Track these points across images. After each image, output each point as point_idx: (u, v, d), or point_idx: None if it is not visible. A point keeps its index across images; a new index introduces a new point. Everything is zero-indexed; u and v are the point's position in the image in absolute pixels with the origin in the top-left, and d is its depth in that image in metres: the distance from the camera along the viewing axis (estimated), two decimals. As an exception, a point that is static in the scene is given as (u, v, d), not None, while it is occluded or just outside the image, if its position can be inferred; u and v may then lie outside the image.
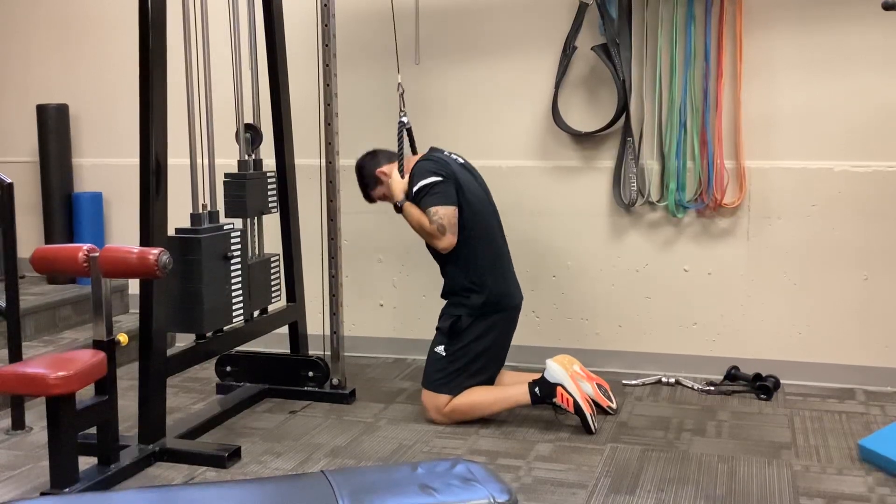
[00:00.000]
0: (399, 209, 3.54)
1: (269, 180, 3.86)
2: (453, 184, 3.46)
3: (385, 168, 3.64)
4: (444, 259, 3.54)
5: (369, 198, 3.76)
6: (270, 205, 3.86)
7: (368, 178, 3.69)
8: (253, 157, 3.81)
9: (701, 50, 3.95)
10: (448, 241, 3.43)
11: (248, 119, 3.81)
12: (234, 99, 3.72)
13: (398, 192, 3.53)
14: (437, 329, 3.57)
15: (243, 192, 3.68)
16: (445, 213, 3.41)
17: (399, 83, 3.70)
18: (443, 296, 3.61)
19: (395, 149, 3.66)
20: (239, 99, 3.71)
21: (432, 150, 3.66)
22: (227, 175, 3.71)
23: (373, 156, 3.71)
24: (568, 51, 4.09)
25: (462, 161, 3.67)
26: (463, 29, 4.29)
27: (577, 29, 4.06)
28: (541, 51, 4.17)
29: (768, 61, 3.92)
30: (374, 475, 2.07)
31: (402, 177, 3.56)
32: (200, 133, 3.48)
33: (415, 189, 3.46)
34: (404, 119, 3.66)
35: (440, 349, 3.52)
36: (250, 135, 3.79)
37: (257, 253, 3.82)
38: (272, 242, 3.99)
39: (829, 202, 3.90)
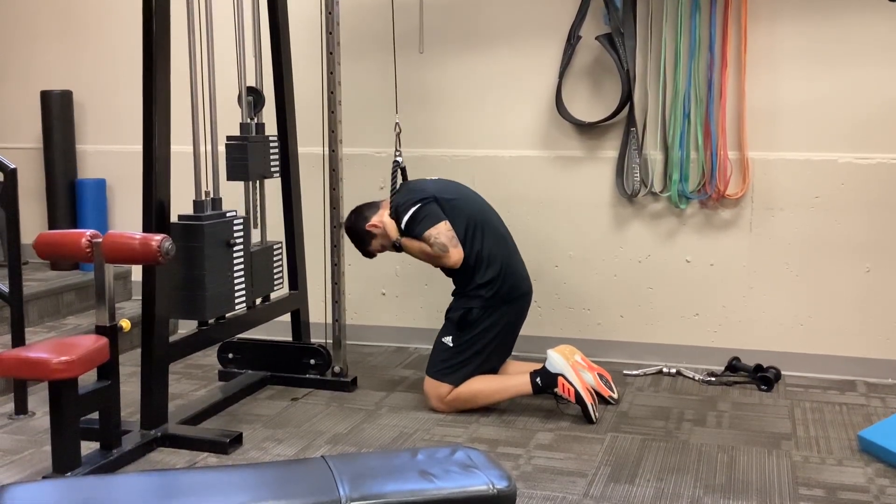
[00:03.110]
0: (399, 248, 3.58)
1: (271, 144, 3.83)
2: (433, 201, 3.50)
3: (373, 220, 3.66)
4: (457, 271, 3.54)
5: (368, 254, 3.77)
6: (273, 169, 3.84)
7: (362, 236, 3.70)
8: (255, 120, 3.79)
9: (705, 40, 3.94)
10: (456, 255, 3.46)
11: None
12: (237, 86, 3.71)
13: (392, 232, 3.58)
14: (447, 318, 3.58)
15: (245, 154, 3.64)
16: (440, 231, 3.44)
17: (397, 122, 3.71)
18: (454, 293, 3.62)
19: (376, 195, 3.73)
20: (243, 87, 3.70)
21: (403, 185, 3.69)
22: (229, 138, 3.68)
23: (358, 213, 3.72)
24: (572, 40, 4.08)
25: (435, 178, 3.73)
26: (467, 18, 4.28)
27: (582, 18, 4.06)
28: (545, 40, 4.16)
29: (773, 52, 3.91)
30: (373, 461, 2.07)
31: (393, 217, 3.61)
32: (203, 120, 3.48)
33: (403, 226, 3.52)
34: (399, 158, 3.67)
35: (448, 339, 3.53)
36: (252, 98, 3.77)
37: (258, 220, 3.80)
38: (275, 230, 3.99)
39: (832, 194, 3.89)
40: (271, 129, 3.93)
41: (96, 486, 1.95)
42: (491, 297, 3.50)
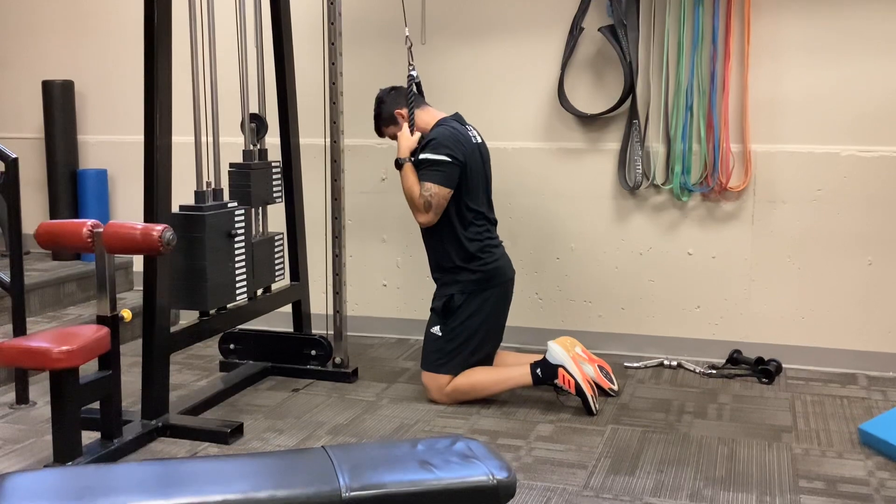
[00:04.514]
0: (399, 166, 3.53)
1: (274, 170, 3.85)
2: (460, 169, 3.44)
3: (404, 111, 3.60)
4: (432, 234, 3.52)
5: (380, 132, 3.73)
6: (275, 195, 3.86)
7: (385, 114, 3.66)
8: (258, 147, 3.80)
9: (709, 32, 3.93)
10: (428, 218, 3.44)
11: (254, 104, 3.79)
12: (239, 77, 3.71)
13: (404, 149, 3.52)
14: (432, 310, 3.58)
15: (248, 182, 3.68)
16: (437, 193, 3.40)
17: (407, 36, 3.63)
18: (434, 276, 3.61)
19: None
20: (244, 77, 3.70)
21: (456, 117, 3.62)
22: (231, 165, 3.70)
23: (397, 93, 3.65)
24: (575, 32, 4.07)
25: (479, 140, 3.64)
26: (470, 9, 4.27)
27: (585, 10, 4.04)
28: (548, 31, 4.15)
29: (776, 44, 3.90)
30: (374, 451, 2.07)
31: (412, 133, 3.54)
32: (205, 110, 3.47)
33: (421, 156, 3.45)
34: (413, 73, 3.58)
35: (436, 329, 3.53)
36: (255, 125, 3.78)
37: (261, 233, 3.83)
38: (276, 221, 3.99)
39: (834, 187, 3.89)
40: (273, 122, 3.92)
41: (97, 475, 1.95)
42: (471, 281, 3.48)
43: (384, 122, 3.68)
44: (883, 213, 3.84)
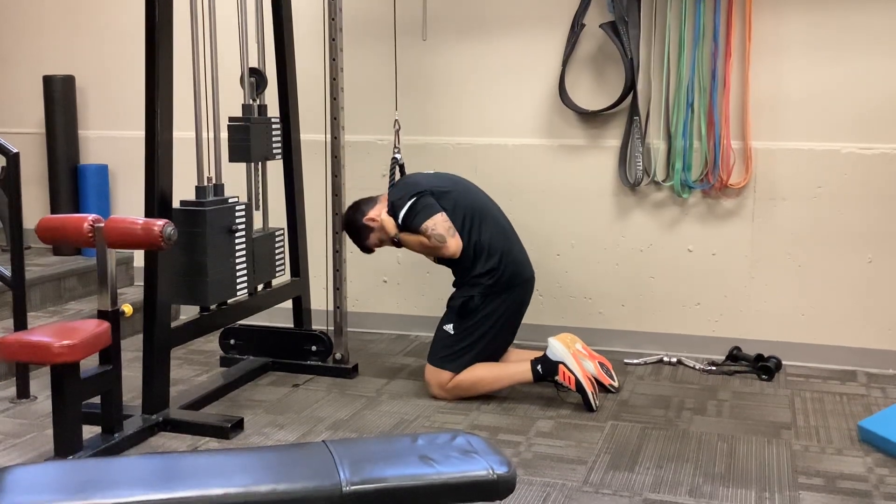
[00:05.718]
0: (398, 244, 3.60)
1: (273, 126, 3.82)
2: (428, 193, 3.51)
3: (371, 214, 3.67)
4: (457, 262, 3.55)
5: (366, 249, 3.77)
6: (275, 150, 3.83)
7: (360, 230, 3.71)
8: (258, 102, 3.78)
9: (710, 29, 3.93)
10: (454, 244, 3.46)
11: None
12: (240, 72, 3.71)
13: (391, 228, 3.59)
14: (449, 307, 3.59)
15: (247, 136, 3.63)
16: (436, 223, 3.45)
17: (396, 119, 3.72)
18: (454, 284, 3.63)
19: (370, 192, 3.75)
20: (245, 69, 3.69)
21: (398, 181, 3.72)
22: (231, 119, 3.68)
23: (355, 208, 3.73)
24: (576, 28, 4.07)
25: (430, 172, 3.73)
26: (471, 5, 4.26)
27: (586, 6, 4.04)
28: (549, 28, 4.15)
29: (777, 41, 3.90)
30: (374, 446, 2.08)
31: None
32: (206, 106, 3.47)
33: (400, 221, 3.53)
34: (398, 156, 3.70)
35: (449, 327, 3.54)
36: (255, 79, 3.77)
37: (260, 203, 3.80)
38: (277, 217, 3.99)
39: (835, 184, 3.89)
40: (274, 114, 3.92)
41: (98, 469, 1.96)
42: (492, 284, 3.50)
43: (364, 238, 3.72)
44: (883, 210, 3.85)
